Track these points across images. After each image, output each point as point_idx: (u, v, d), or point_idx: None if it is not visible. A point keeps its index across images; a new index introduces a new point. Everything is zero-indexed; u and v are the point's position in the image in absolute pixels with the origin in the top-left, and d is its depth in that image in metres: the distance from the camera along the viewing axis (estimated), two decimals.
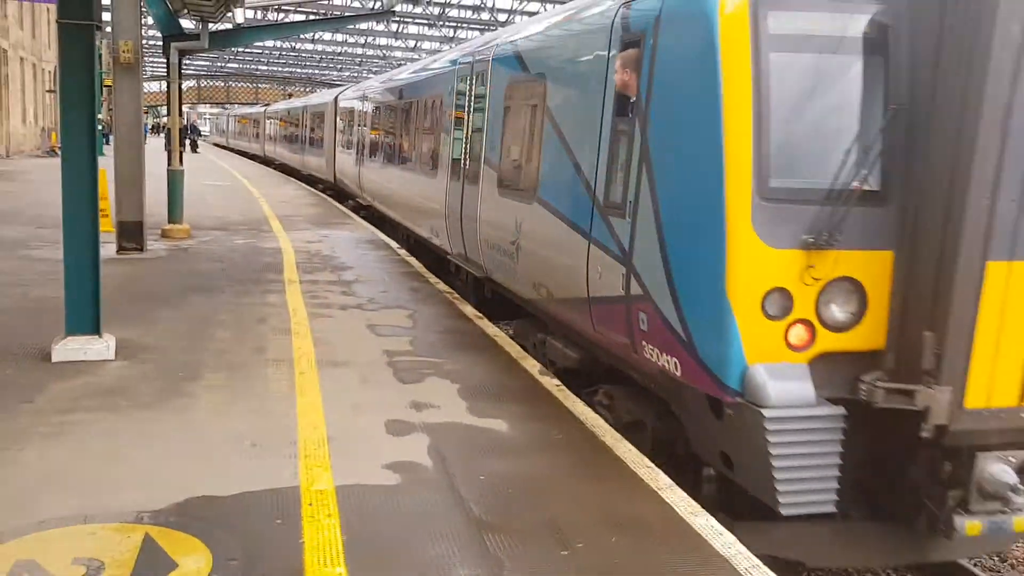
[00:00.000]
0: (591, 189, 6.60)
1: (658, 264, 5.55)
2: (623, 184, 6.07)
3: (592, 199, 6.57)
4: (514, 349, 8.07)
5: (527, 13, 40.40)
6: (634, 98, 6.01)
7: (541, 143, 7.80)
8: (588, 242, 6.58)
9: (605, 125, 6.43)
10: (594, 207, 6.53)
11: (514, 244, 8.38)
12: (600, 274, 6.40)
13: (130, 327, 8.15)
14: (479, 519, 4.60)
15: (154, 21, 18.32)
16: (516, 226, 8.30)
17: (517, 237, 8.29)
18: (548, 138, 7.61)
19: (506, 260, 8.72)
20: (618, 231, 6.11)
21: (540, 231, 7.69)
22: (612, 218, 6.21)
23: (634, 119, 5.97)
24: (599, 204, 6.46)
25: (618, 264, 6.09)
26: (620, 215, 6.07)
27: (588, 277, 6.59)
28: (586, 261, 6.61)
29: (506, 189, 8.74)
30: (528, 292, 8.26)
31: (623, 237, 6.02)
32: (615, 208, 6.17)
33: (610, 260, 6.23)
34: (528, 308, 8.65)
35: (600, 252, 6.39)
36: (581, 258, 6.68)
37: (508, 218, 8.53)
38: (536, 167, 7.86)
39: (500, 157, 9.04)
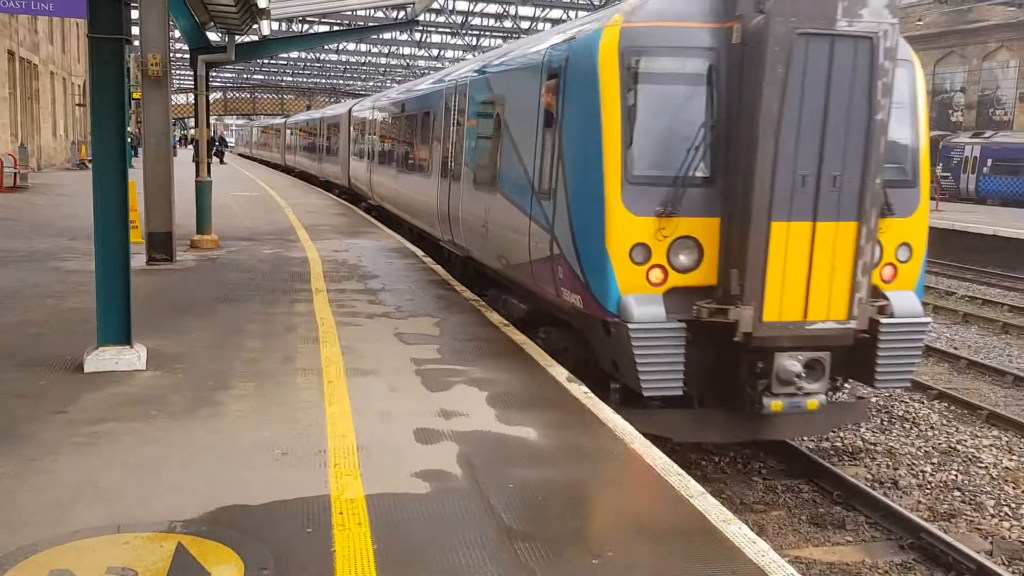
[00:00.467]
0: (531, 180, 8.76)
1: (568, 231, 7.77)
2: (549, 176, 8.24)
3: (532, 188, 8.73)
4: (542, 357, 8.05)
5: (550, 20, 40.42)
6: (555, 114, 8.18)
7: (501, 147, 9.96)
8: (529, 220, 8.75)
9: (539, 133, 8.64)
10: (533, 194, 8.69)
11: (484, 227, 10.57)
12: (536, 243, 8.56)
13: (160, 337, 8.22)
14: (509, 528, 4.58)
15: (181, 34, 18.50)
16: (485, 212, 10.52)
17: (486, 221, 10.47)
18: (505, 143, 9.83)
19: (480, 240, 10.92)
20: (546, 210, 8.28)
21: (500, 215, 9.85)
22: (543, 201, 8.38)
23: (555, 129, 8.17)
24: (536, 191, 8.61)
25: (546, 233, 8.27)
26: (548, 198, 8.23)
27: (530, 246, 8.74)
28: (528, 234, 8.76)
29: (478, 184, 10.95)
30: (494, 263, 10.41)
31: (549, 214, 8.21)
32: (544, 193, 8.34)
33: (542, 231, 8.37)
34: (496, 276, 10.83)
35: (536, 227, 8.55)
36: (525, 232, 8.85)
37: (480, 207, 10.78)
38: (497, 166, 10.03)
39: (475, 159, 11.32)
